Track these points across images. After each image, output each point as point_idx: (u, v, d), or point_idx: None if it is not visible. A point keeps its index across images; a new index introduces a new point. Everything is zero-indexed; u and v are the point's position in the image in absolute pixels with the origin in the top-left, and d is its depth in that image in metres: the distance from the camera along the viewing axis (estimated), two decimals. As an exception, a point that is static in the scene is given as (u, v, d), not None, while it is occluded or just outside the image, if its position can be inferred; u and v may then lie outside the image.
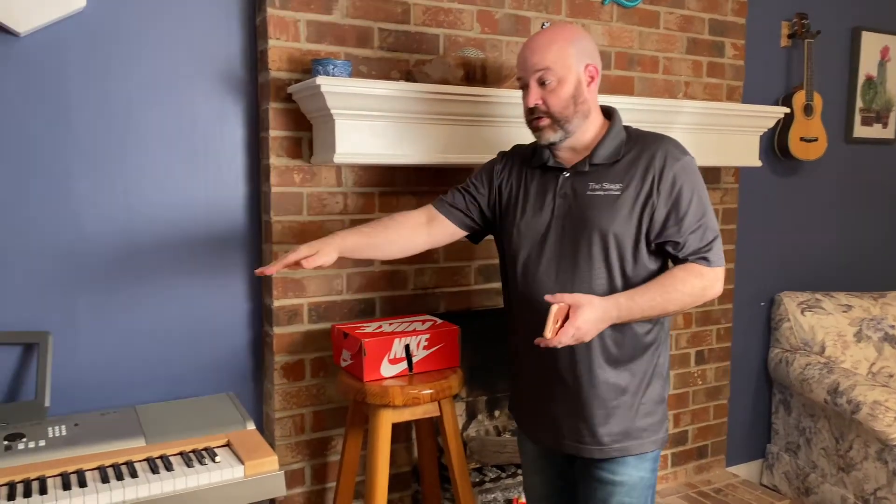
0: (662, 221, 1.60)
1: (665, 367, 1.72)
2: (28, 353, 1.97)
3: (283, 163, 2.16)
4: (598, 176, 1.64)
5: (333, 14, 2.18)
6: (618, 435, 1.65)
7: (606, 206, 1.61)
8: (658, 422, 1.69)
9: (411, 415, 2.00)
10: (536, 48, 1.64)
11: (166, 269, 2.13)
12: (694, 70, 2.86)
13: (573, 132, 1.66)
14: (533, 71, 1.63)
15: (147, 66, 2.07)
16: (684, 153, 1.65)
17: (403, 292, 2.39)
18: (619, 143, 1.66)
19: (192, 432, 1.87)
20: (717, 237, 1.63)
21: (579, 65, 1.63)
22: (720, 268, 1.63)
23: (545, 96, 1.63)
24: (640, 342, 1.65)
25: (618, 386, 1.64)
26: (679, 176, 1.60)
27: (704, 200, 1.63)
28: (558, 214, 1.66)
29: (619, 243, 1.61)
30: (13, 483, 1.61)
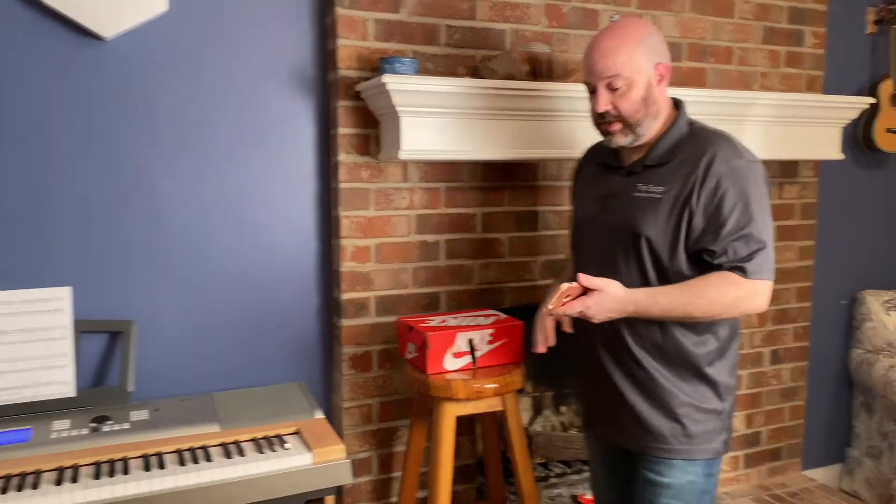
0: (701, 229, 1.55)
1: (723, 379, 1.65)
2: (113, 341, 2.09)
3: (352, 159, 2.21)
4: (647, 177, 1.63)
5: (401, 12, 2.21)
6: (663, 436, 1.63)
7: (646, 209, 1.59)
8: (711, 431, 1.64)
9: (474, 408, 2.02)
10: (604, 52, 1.59)
11: (241, 263, 2.22)
12: (771, 60, 2.76)
13: (644, 134, 1.63)
14: (601, 77, 1.60)
15: (223, 68, 2.15)
16: (737, 156, 1.56)
17: (468, 287, 2.41)
18: (675, 142, 1.62)
19: (264, 420, 1.95)
20: (764, 248, 1.54)
21: (649, 65, 1.60)
22: (762, 281, 1.54)
23: (615, 101, 1.60)
24: (684, 350, 1.61)
25: (665, 388, 1.62)
26: (724, 180, 1.53)
27: (753, 208, 1.53)
28: (606, 213, 1.68)
29: (653, 247, 1.59)
30: (99, 463, 1.71)
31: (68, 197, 2.02)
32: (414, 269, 2.33)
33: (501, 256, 2.45)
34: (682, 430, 1.62)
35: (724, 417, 1.66)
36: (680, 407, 1.62)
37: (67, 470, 1.67)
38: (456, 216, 2.37)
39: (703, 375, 1.62)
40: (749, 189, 1.54)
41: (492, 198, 2.41)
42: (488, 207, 2.41)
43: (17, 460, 1.69)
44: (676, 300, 1.53)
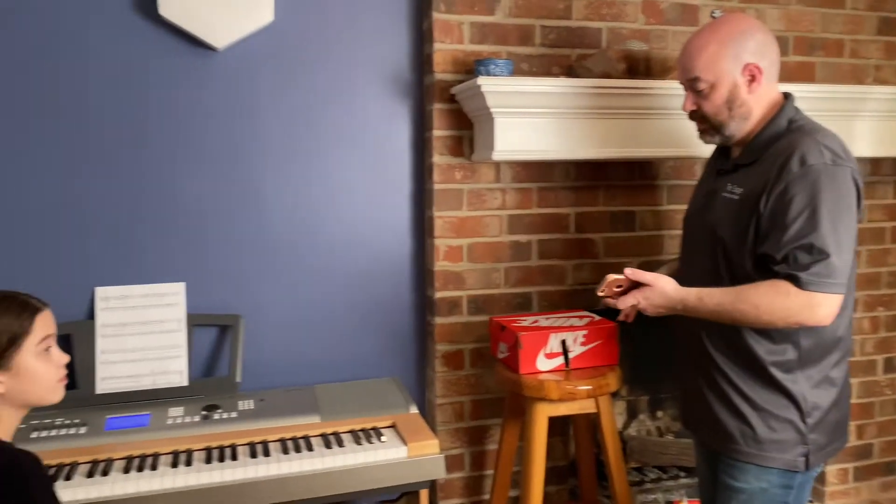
0: (766, 231, 1.50)
1: (804, 391, 1.57)
2: (223, 334, 2.22)
3: (446, 161, 2.25)
4: (735, 177, 1.62)
5: (496, 14, 2.24)
6: (733, 436, 1.61)
7: (725, 209, 1.59)
8: (786, 442, 1.57)
9: (567, 409, 2.01)
10: (688, 53, 1.60)
11: (341, 260, 2.30)
12: (886, 52, 2.61)
13: (733, 135, 1.61)
14: (685, 78, 1.62)
15: (325, 73, 2.24)
16: (818, 157, 1.47)
17: (561, 287, 2.40)
18: (768, 141, 1.57)
19: (362, 412, 2.02)
20: (827, 260, 1.44)
21: (735, 67, 1.56)
22: (820, 294, 1.45)
23: (698, 102, 1.61)
24: (756, 357, 1.57)
25: (737, 390, 1.60)
26: (795, 183, 1.46)
27: (823, 215, 1.44)
28: (699, 212, 1.70)
29: (725, 248, 1.57)
30: (210, 448, 1.82)
31: (183, 199, 2.15)
32: (506, 268, 2.34)
33: (596, 257, 2.43)
34: (752, 433, 1.58)
35: (807, 431, 1.58)
36: (751, 410, 1.59)
37: (182, 454, 1.79)
38: (548, 216, 2.37)
39: (777, 384, 1.57)
40: (822, 194, 1.45)
41: (585, 198, 2.40)
42: (582, 207, 2.40)
43: (138, 443, 1.82)
44: (722, 305, 1.51)
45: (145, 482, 1.66)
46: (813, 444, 1.59)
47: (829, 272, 1.45)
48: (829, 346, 1.59)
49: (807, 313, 1.47)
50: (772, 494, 1.59)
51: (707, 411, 1.66)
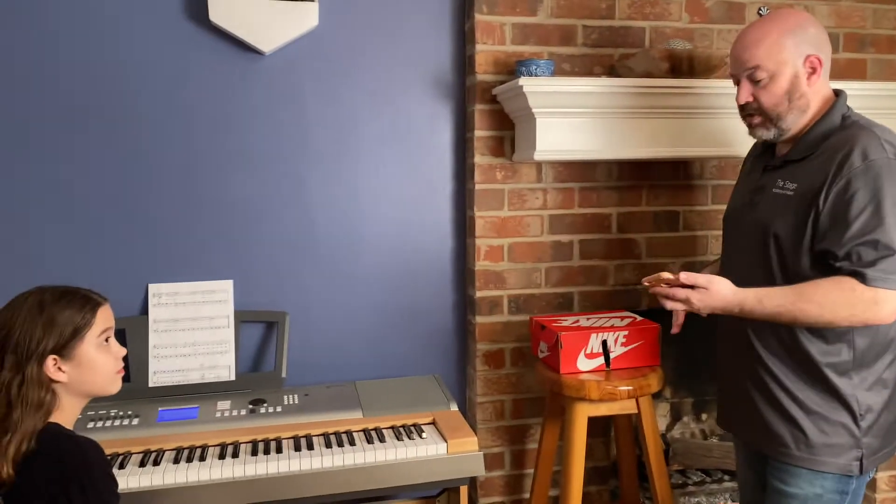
0: (826, 228, 1.47)
1: (858, 393, 1.54)
2: (269, 330, 2.28)
3: (487, 161, 2.27)
4: (786, 172, 1.59)
5: (538, 15, 2.24)
6: (784, 440, 1.58)
7: (778, 205, 1.55)
8: (839, 446, 1.54)
9: (608, 410, 2.01)
10: (747, 44, 1.57)
11: (384, 259, 2.34)
12: (942, 47, 2.53)
13: (789, 128, 1.58)
14: (742, 68, 1.57)
15: (369, 75, 2.28)
16: (878, 151, 1.45)
17: (603, 288, 2.40)
18: (822, 136, 1.55)
19: (403, 408, 2.05)
20: (891, 257, 1.42)
21: (797, 57, 1.54)
22: (886, 290, 1.42)
23: (756, 93, 1.57)
24: (810, 358, 1.54)
25: (788, 392, 1.57)
26: (857, 178, 1.44)
27: (886, 211, 1.42)
28: (749, 208, 1.65)
29: (780, 245, 1.54)
30: (256, 441, 1.88)
31: (232, 199, 2.22)
32: (546, 268, 2.35)
33: (638, 258, 2.42)
34: (804, 437, 1.56)
35: (861, 435, 1.55)
36: (803, 413, 1.56)
37: (229, 446, 1.85)
38: (590, 216, 2.37)
39: (830, 386, 1.54)
40: (885, 189, 1.43)
41: (628, 198, 2.39)
42: (624, 207, 2.39)
43: (188, 435, 1.89)
44: (783, 304, 1.47)
45: (194, 472, 1.72)
46: (867, 447, 1.55)
47: (890, 269, 1.43)
48: (883, 347, 1.56)
49: (872, 311, 1.44)
50: (826, 500, 1.56)
51: (754, 413, 1.63)
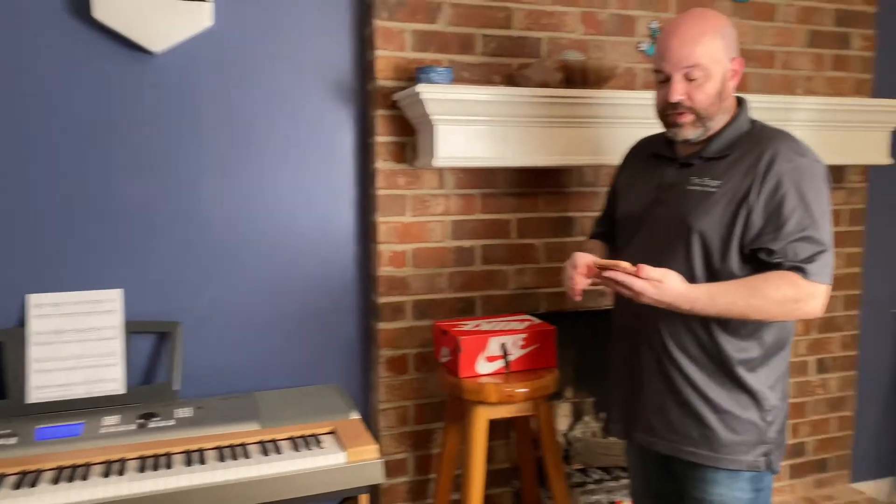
0: (759, 227, 1.50)
1: (764, 389, 1.59)
2: (161, 341, 2.19)
3: (389, 166, 2.26)
4: (702, 170, 1.59)
5: (438, 23, 2.26)
6: (693, 440, 1.60)
7: (699, 203, 1.55)
8: (746, 443, 1.58)
9: (507, 412, 2.04)
10: (685, 40, 1.53)
11: (283, 266, 2.29)
12: (816, 64, 2.71)
13: (712, 129, 1.59)
14: (679, 66, 1.54)
15: (267, 79, 2.23)
16: (801, 154, 1.53)
17: (504, 292, 2.43)
18: (735, 138, 1.58)
19: (302, 419, 2.01)
20: (825, 252, 1.49)
21: (727, 59, 1.56)
22: (822, 285, 1.49)
23: (690, 91, 1.55)
24: (725, 355, 1.57)
25: (700, 392, 1.58)
26: (786, 179, 1.49)
27: (815, 209, 1.49)
28: (655, 206, 1.65)
29: (705, 242, 1.55)
30: (144, 457, 1.80)
31: (120, 205, 2.12)
32: (450, 273, 2.37)
33: (537, 262, 2.47)
34: (714, 436, 1.58)
35: (766, 430, 1.60)
36: (713, 413, 1.58)
37: (115, 463, 1.76)
38: (491, 222, 2.40)
39: (741, 384, 1.57)
40: (811, 190, 1.50)
41: (527, 204, 2.43)
42: (523, 213, 2.43)
43: (70, 453, 1.78)
44: (735, 300, 1.48)
45: (75, 492, 1.63)
46: (773, 442, 1.60)
47: (827, 263, 1.50)
48: (783, 343, 1.62)
49: (811, 305, 1.49)
50: (745, 499, 1.59)
51: (662, 415, 1.63)
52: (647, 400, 1.66)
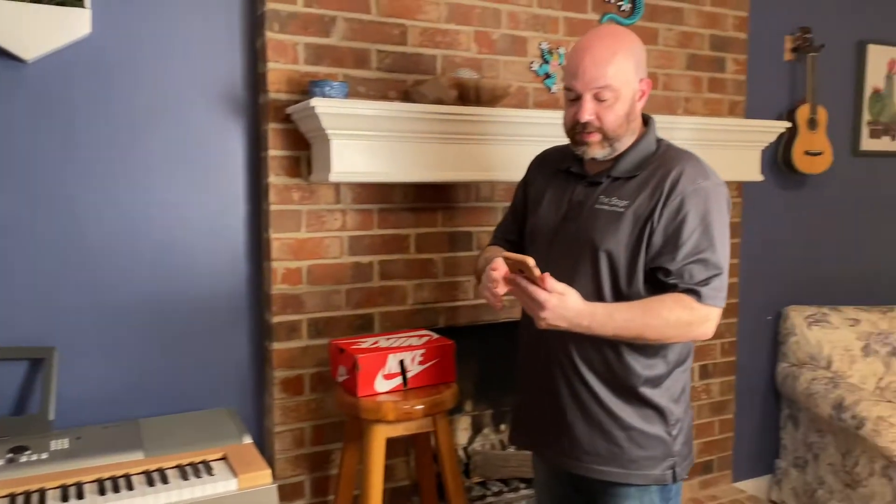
0: (659, 246, 1.52)
1: (669, 404, 1.61)
2: (34, 368, 2.03)
3: (282, 181, 2.21)
4: (611, 189, 1.59)
5: (331, 37, 2.23)
6: (601, 457, 1.61)
7: (607, 222, 1.56)
8: (654, 458, 1.60)
9: (405, 430, 2.02)
10: (596, 61, 1.52)
11: (170, 286, 2.19)
12: (694, 86, 2.87)
13: (619, 149, 1.59)
14: (590, 86, 1.53)
15: (151, 90, 2.13)
16: (705, 177, 1.54)
17: (402, 307, 2.42)
18: (643, 157, 1.59)
19: (190, 446, 1.92)
20: (720, 275, 1.50)
21: (636, 79, 1.56)
22: (714, 308, 1.51)
23: (600, 112, 1.54)
24: (632, 373, 1.58)
25: (607, 409, 1.60)
26: (688, 200, 1.51)
27: (714, 232, 1.51)
28: (565, 223, 1.64)
29: (611, 261, 1.55)
30: (14, 495, 1.66)
31: (-14, 221, 1.97)
32: (347, 290, 2.33)
33: (435, 277, 2.47)
34: (622, 452, 1.59)
35: (672, 444, 1.62)
36: (620, 430, 1.59)
37: (-21, 503, 1.62)
38: (389, 237, 2.39)
39: (647, 400, 1.59)
40: (712, 212, 1.51)
41: (425, 219, 2.44)
42: (422, 228, 2.44)
43: (-74, 495, 1.63)
44: (632, 319, 1.48)
45: (-68, 539, 1.49)
46: (678, 455, 1.62)
47: (721, 287, 1.51)
48: (685, 358, 1.65)
49: (704, 327, 1.51)
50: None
51: (570, 432, 1.63)
52: (556, 419, 1.66)
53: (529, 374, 1.74)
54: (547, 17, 2.56)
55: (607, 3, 2.65)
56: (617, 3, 2.67)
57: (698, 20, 2.85)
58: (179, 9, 2.15)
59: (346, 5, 2.24)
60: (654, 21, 2.76)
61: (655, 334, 1.50)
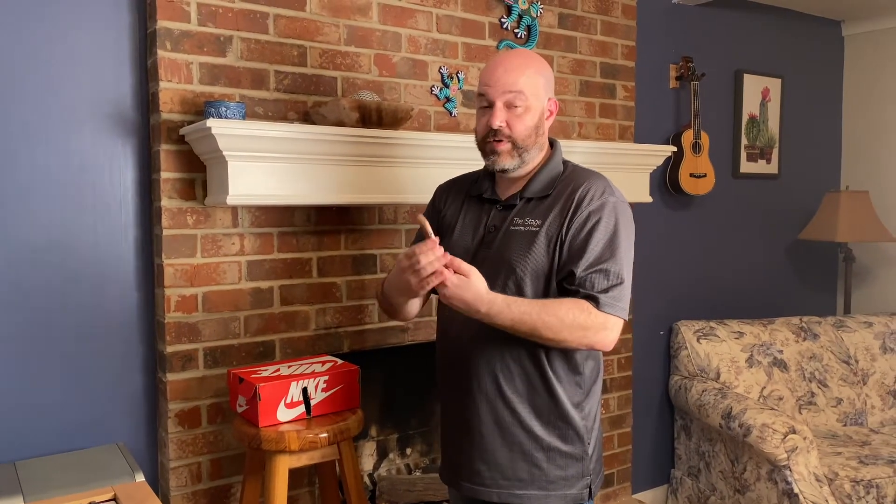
0: (566, 256, 1.56)
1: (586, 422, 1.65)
2: None
3: (176, 204, 2.12)
4: (524, 211, 1.63)
5: (227, 56, 2.18)
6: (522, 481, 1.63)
7: (523, 243, 1.60)
8: (575, 477, 1.64)
9: (309, 459, 1.97)
10: (510, 69, 1.59)
11: (52, 316, 2.05)
12: (587, 111, 2.98)
13: (528, 162, 1.64)
14: (504, 91, 1.58)
15: (30, 108, 2.01)
16: (610, 193, 1.61)
17: (304, 333, 2.37)
18: (552, 178, 1.64)
19: (76, 487, 1.78)
20: (621, 286, 1.54)
21: (545, 96, 1.63)
22: (614, 318, 1.53)
23: (510, 120, 1.59)
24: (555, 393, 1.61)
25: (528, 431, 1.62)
26: (594, 214, 1.57)
27: (618, 245, 1.56)
28: (481, 247, 1.66)
29: (529, 281, 1.58)
30: None
31: None
32: (245, 317, 2.26)
33: (339, 301, 2.44)
34: (543, 474, 1.62)
35: (588, 462, 1.66)
36: (541, 451, 1.62)
37: None
38: (290, 261, 2.33)
39: (568, 421, 1.62)
40: (617, 226, 1.57)
41: (328, 242, 2.40)
42: (324, 252, 2.40)
43: None
44: (528, 313, 1.49)
45: None
46: (593, 472, 1.67)
47: (622, 297, 1.54)
48: (596, 378, 1.69)
49: (601, 335, 1.52)
50: None
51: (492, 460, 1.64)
52: (476, 445, 1.66)
53: (449, 405, 1.74)
54: (446, 42, 2.59)
55: (504, 30, 2.73)
56: (513, 30, 2.75)
57: (590, 48, 2.97)
58: (63, 23, 2.04)
59: (242, 25, 2.20)
60: (549, 48, 2.85)
61: (550, 333, 1.50)
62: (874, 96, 4.00)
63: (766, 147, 3.78)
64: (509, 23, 2.73)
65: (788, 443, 2.74)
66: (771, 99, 3.77)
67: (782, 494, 2.78)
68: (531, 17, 2.77)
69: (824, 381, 3.44)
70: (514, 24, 2.74)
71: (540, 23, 2.80)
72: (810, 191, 3.95)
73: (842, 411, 3.41)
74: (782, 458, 2.75)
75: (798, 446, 2.74)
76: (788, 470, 2.76)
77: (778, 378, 3.36)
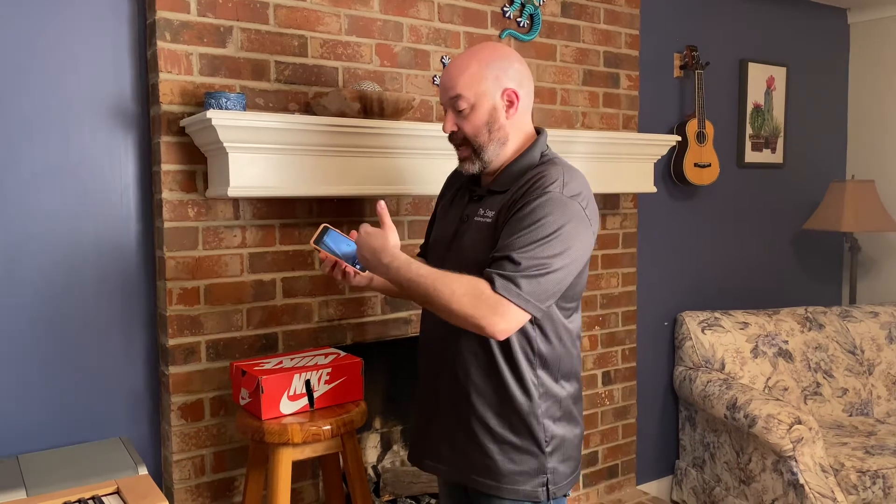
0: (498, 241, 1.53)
1: (544, 420, 1.62)
2: None
3: (177, 197, 2.11)
4: (487, 203, 1.62)
5: (228, 47, 2.16)
6: (480, 469, 1.62)
7: (478, 234, 1.60)
8: (525, 473, 1.61)
9: (312, 452, 1.96)
10: (452, 74, 1.59)
11: (55, 310, 2.04)
12: (591, 101, 2.96)
13: (490, 161, 1.62)
14: (447, 97, 1.60)
15: (30, 101, 1.99)
16: (556, 187, 1.52)
17: (308, 325, 2.36)
18: (522, 170, 1.60)
19: (79, 481, 1.78)
20: (533, 279, 1.45)
21: (496, 90, 1.58)
22: (508, 303, 1.44)
23: (459, 122, 1.60)
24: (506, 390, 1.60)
25: (484, 421, 1.61)
26: (529, 204, 1.51)
27: (542, 237, 1.47)
28: (454, 238, 1.67)
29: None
30: None
31: None
32: (248, 309, 2.25)
33: (341, 293, 2.42)
34: (495, 465, 1.60)
35: (545, 461, 1.62)
36: (494, 443, 1.61)
37: None
38: (292, 253, 2.32)
39: (521, 415, 1.60)
40: (548, 219, 1.48)
41: (329, 234, 2.38)
42: (326, 244, 2.38)
43: None
44: (425, 276, 1.48)
45: None
46: (552, 472, 1.62)
47: (521, 286, 1.45)
48: (564, 375, 1.65)
49: (490, 319, 1.45)
50: None
51: (451, 442, 1.65)
52: (439, 427, 1.69)
53: (423, 386, 1.77)
54: (448, 32, 2.57)
55: (506, 19, 2.70)
56: (516, 20, 2.72)
57: (593, 37, 2.94)
58: (62, 15, 2.02)
59: (242, 15, 2.18)
60: (552, 38, 2.83)
61: (441, 301, 1.47)
62: (880, 85, 3.96)
63: (771, 136, 3.75)
64: (511, 12, 2.70)
65: (794, 433, 2.73)
66: (776, 88, 3.74)
67: (788, 485, 2.77)
68: (534, 6, 2.75)
69: (830, 371, 3.43)
70: (516, 13, 2.72)
71: (543, 12, 2.78)
72: (815, 180, 3.93)
73: (847, 401, 3.40)
74: (788, 448, 2.73)
75: (803, 437, 2.73)
76: (794, 461, 2.74)
77: (783, 368, 3.35)
